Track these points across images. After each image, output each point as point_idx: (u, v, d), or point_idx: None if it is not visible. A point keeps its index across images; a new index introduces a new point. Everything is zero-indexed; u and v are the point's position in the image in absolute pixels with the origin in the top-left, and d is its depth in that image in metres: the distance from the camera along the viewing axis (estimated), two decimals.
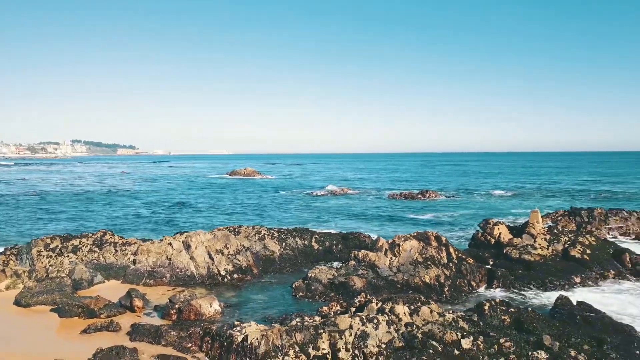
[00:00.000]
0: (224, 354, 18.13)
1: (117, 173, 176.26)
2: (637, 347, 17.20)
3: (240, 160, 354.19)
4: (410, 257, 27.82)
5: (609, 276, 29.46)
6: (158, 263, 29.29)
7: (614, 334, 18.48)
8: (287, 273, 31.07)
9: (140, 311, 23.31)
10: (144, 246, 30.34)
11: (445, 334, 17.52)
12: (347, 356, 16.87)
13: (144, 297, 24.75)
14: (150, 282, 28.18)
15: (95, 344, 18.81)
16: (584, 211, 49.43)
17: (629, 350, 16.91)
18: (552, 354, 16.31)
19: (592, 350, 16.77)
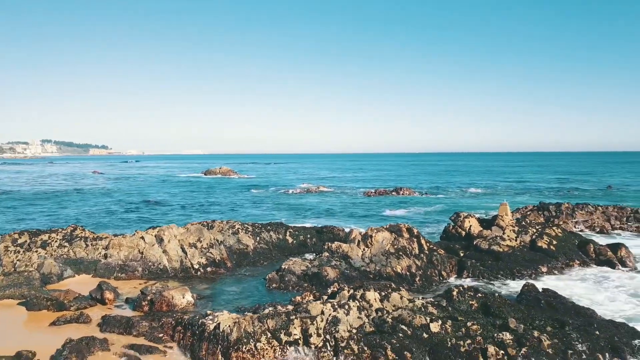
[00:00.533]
0: (196, 342, 18.13)
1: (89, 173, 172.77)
2: (597, 328, 17.88)
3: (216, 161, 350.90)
4: (382, 248, 28.23)
5: (574, 265, 30.46)
6: (130, 257, 29.00)
7: (576, 317, 19.18)
8: (261, 266, 31.13)
9: (111, 303, 23.07)
10: (116, 240, 29.98)
11: (414, 318, 17.92)
12: (319, 341, 17.08)
13: (115, 290, 24.49)
14: (121, 276, 27.89)
15: (65, 336, 18.55)
16: (552, 206, 50.86)
17: (590, 331, 17.57)
18: (517, 335, 16.86)
19: (554, 331, 17.40)
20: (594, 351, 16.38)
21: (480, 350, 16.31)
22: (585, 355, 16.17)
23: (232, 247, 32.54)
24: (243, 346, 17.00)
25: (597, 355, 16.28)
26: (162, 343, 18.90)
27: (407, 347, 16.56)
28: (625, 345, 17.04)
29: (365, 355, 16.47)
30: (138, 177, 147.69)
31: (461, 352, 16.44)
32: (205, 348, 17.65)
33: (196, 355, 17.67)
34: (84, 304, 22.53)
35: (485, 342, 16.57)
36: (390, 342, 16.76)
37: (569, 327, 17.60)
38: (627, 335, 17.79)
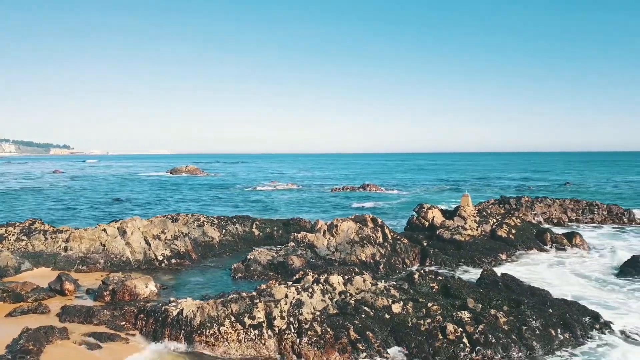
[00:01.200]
0: (158, 329, 17.98)
1: (49, 172, 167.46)
2: (550, 306, 18.66)
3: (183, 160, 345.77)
4: (347, 237, 28.58)
5: (532, 253, 31.56)
6: (91, 249, 28.41)
7: (531, 297, 19.95)
8: (227, 258, 31.00)
9: (71, 294, 22.58)
10: (76, 233, 29.33)
11: (376, 300, 18.28)
12: (282, 323, 17.22)
13: (75, 282, 23.97)
14: (82, 268, 27.30)
15: (22, 326, 18.08)
16: (512, 199, 52.40)
17: (543, 309, 18.32)
18: (475, 313, 17.42)
19: (510, 310, 18.06)
20: (547, 327, 17.09)
21: (439, 329, 16.78)
22: (539, 331, 16.86)
23: (197, 240, 32.28)
24: (206, 330, 16.98)
25: (550, 330, 17.00)
26: (124, 331, 18.63)
27: (369, 327, 16.89)
28: (575, 322, 17.85)
29: (329, 336, 16.70)
30: (102, 176, 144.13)
31: (421, 330, 16.88)
32: (168, 334, 17.53)
33: (158, 340, 17.52)
34: (42, 295, 21.97)
35: (444, 320, 17.06)
36: (353, 322, 17.05)
37: (524, 306, 18.30)
38: (577, 312, 18.63)
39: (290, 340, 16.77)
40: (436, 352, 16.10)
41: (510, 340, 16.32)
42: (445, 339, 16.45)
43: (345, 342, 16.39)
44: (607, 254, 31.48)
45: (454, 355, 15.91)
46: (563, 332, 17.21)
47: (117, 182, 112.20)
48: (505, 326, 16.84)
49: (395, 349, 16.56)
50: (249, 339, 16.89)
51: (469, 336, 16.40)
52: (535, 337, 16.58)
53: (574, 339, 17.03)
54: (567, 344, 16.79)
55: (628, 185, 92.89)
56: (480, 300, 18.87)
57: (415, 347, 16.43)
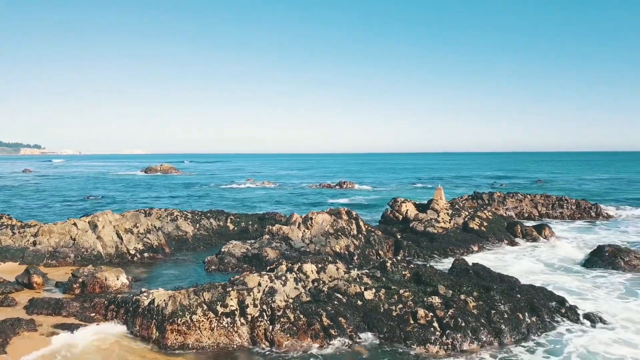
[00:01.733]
0: (129, 319, 17.77)
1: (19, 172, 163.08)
2: (519, 292, 19.13)
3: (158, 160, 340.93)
4: (322, 229, 28.69)
5: (503, 244, 32.23)
6: (61, 243, 27.84)
7: (500, 283, 20.39)
8: (201, 251, 30.77)
9: (39, 288, 22.09)
10: (46, 227, 28.70)
11: (349, 287, 18.44)
12: (255, 311, 17.22)
13: (44, 276, 23.47)
14: (52, 262, 26.72)
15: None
16: (485, 195, 53.40)
17: (512, 294, 18.76)
18: (445, 299, 17.72)
19: (480, 295, 18.43)
20: (515, 311, 17.50)
21: (410, 314, 17.03)
22: (507, 315, 17.25)
23: (170, 234, 31.96)
24: (178, 319, 16.85)
25: (518, 314, 17.41)
26: (95, 322, 18.34)
27: (341, 314, 17.02)
28: (542, 306, 18.33)
29: (301, 322, 16.77)
30: (74, 174, 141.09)
31: (393, 316, 17.10)
32: (139, 323, 17.34)
33: (130, 329, 17.32)
34: (9, 288, 21.42)
35: (415, 306, 17.32)
36: (326, 309, 17.16)
37: (493, 291, 18.70)
38: (545, 297, 19.14)
39: (263, 328, 16.78)
40: (407, 336, 16.33)
41: (480, 324, 16.66)
42: (416, 323, 16.70)
43: (318, 328, 16.49)
44: (575, 245, 32.41)
45: (425, 339, 16.17)
46: (530, 315, 17.65)
47: (89, 181, 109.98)
48: (475, 310, 17.18)
49: (368, 334, 16.74)
50: (221, 327, 16.83)
51: (439, 320, 16.68)
52: (503, 320, 16.96)
53: (540, 322, 17.48)
54: (534, 327, 17.22)
55: (595, 183, 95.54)
56: (451, 286, 19.20)
57: (387, 331, 16.64)
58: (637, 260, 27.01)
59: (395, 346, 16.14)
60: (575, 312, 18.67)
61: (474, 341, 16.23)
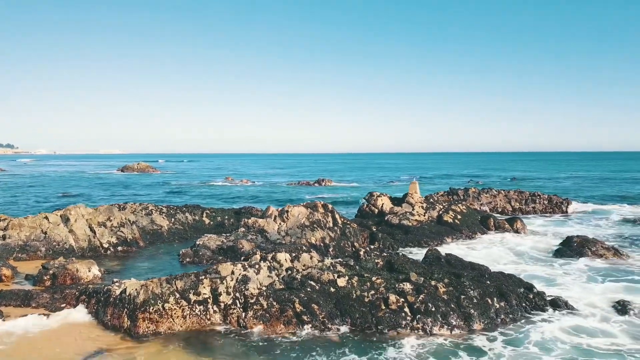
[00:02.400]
0: (100, 309, 17.61)
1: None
2: (488, 278, 19.53)
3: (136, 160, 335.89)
4: (298, 222, 28.79)
5: (476, 236, 32.80)
6: (32, 237, 27.34)
7: (471, 271, 20.79)
8: (176, 245, 30.55)
9: (8, 280, 21.71)
10: (16, 221, 28.15)
11: (322, 275, 18.57)
12: (228, 299, 17.24)
13: (14, 269, 23.08)
14: (22, 256, 26.22)
15: None
16: (461, 190, 54.16)
17: (482, 280, 19.15)
18: (416, 285, 18.01)
19: (450, 281, 18.76)
20: (484, 296, 17.88)
21: (382, 300, 17.26)
22: (476, 300, 17.61)
23: (145, 228, 31.66)
24: (150, 307, 16.76)
25: (487, 299, 17.79)
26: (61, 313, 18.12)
27: (314, 300, 17.16)
28: (511, 292, 18.75)
29: (274, 309, 16.86)
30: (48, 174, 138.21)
31: (365, 302, 17.31)
32: (111, 313, 17.19)
33: (100, 321, 17.16)
34: None
35: (387, 292, 17.55)
36: (299, 296, 17.27)
37: (463, 278, 19.04)
38: (513, 284, 19.58)
39: (236, 315, 16.82)
40: (379, 321, 16.56)
41: (449, 309, 16.99)
42: (387, 309, 16.94)
43: (291, 315, 16.61)
44: (546, 236, 33.19)
45: (396, 324, 16.42)
46: (499, 301, 18.04)
47: (65, 179, 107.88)
48: (445, 296, 17.51)
49: (340, 320, 16.90)
50: (194, 314, 16.82)
51: (410, 306, 16.95)
52: (472, 305, 17.31)
53: (509, 307, 17.89)
54: (503, 312, 17.62)
55: (568, 180, 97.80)
56: (423, 274, 19.48)
57: (359, 317, 16.83)
58: (604, 250, 27.81)
59: (367, 332, 16.35)
60: (543, 297, 19.14)
61: (444, 325, 16.55)
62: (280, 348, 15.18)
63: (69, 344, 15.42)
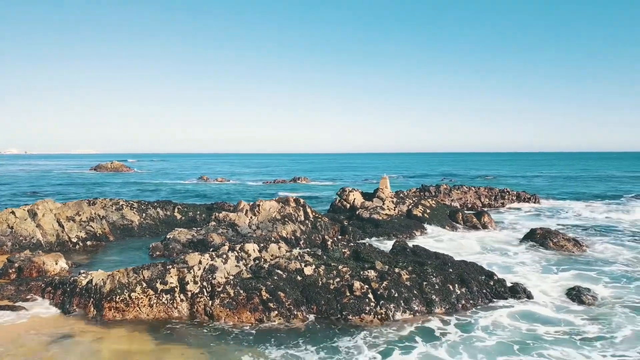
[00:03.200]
0: (67, 299, 17.59)
1: None
2: (451, 266, 20.15)
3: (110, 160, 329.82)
4: (269, 216, 29.05)
5: (445, 229, 33.55)
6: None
7: (435, 260, 21.39)
8: (147, 240, 30.45)
9: None
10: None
11: (290, 264, 18.90)
12: (195, 288, 17.42)
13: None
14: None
15: None
16: (432, 187, 55.14)
17: (444, 268, 19.75)
18: (380, 272, 18.49)
19: (414, 269, 19.30)
20: (445, 282, 18.47)
21: (347, 287, 17.68)
22: (438, 286, 18.19)
23: (115, 223, 31.47)
24: (117, 296, 16.85)
25: (448, 285, 18.39)
26: (27, 304, 18.03)
27: (280, 288, 17.47)
28: (472, 279, 19.39)
29: (241, 297, 17.11)
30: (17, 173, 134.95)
31: (331, 289, 17.70)
32: (77, 302, 17.23)
33: (67, 311, 17.14)
34: None
35: (352, 279, 17.98)
36: (265, 284, 17.56)
37: (427, 266, 19.63)
38: (474, 271, 20.25)
39: (203, 303, 17.02)
40: (344, 307, 16.97)
41: (412, 295, 17.52)
42: (352, 295, 17.37)
43: (257, 302, 16.89)
44: (512, 229, 34.19)
45: (360, 310, 16.86)
46: (460, 287, 18.66)
47: (35, 178, 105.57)
48: (408, 282, 18.03)
49: (306, 307, 17.25)
50: (160, 303, 16.95)
51: (374, 292, 17.41)
52: (434, 291, 17.88)
53: (469, 293, 18.52)
54: (464, 297, 18.24)
55: (538, 179, 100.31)
56: (388, 262, 20.00)
57: (324, 304, 17.21)
58: (565, 241, 28.82)
59: (331, 318, 16.75)
60: (503, 284, 19.84)
61: (406, 310, 17.06)
62: (246, 335, 15.46)
63: (35, 332, 15.42)
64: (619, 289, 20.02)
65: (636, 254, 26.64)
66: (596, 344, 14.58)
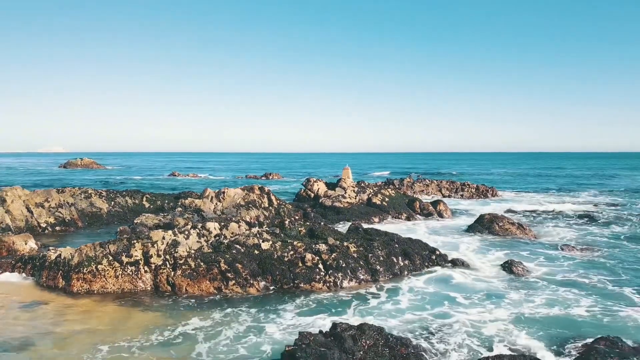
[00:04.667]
0: (36, 272, 18.73)
1: None
2: (396, 242, 22.00)
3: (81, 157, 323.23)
4: (233, 202, 30.50)
5: (402, 217, 35.57)
6: None
7: (384, 237, 23.23)
8: (115, 226, 31.48)
9: None
10: None
11: (248, 240, 20.44)
12: (159, 260, 18.79)
13: None
14: None
15: None
16: (396, 180, 57.46)
17: (390, 244, 21.58)
18: (331, 246, 20.19)
19: (362, 243, 21.08)
20: (390, 255, 20.31)
21: (300, 258, 19.32)
22: (383, 258, 20.01)
23: (84, 210, 32.40)
24: (84, 268, 18.09)
25: (392, 258, 20.24)
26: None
27: (238, 260, 18.99)
28: (416, 253, 21.30)
29: (201, 269, 18.56)
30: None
31: (285, 261, 19.31)
32: (46, 275, 18.39)
33: (37, 283, 18.29)
34: None
35: (305, 252, 19.64)
36: (224, 257, 19.06)
37: (375, 242, 21.44)
38: (419, 247, 22.17)
39: (166, 274, 18.40)
40: (296, 276, 18.61)
41: (359, 265, 19.28)
42: (304, 266, 19.02)
43: (216, 272, 18.38)
44: (464, 215, 36.42)
45: (311, 279, 18.52)
46: (404, 259, 20.54)
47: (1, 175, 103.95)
48: (355, 254, 19.80)
49: (262, 277, 18.82)
50: (126, 274, 18.27)
51: (324, 262, 19.11)
52: (379, 262, 19.69)
53: (412, 264, 20.41)
54: (407, 268, 20.12)
55: (499, 175, 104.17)
56: (340, 239, 21.72)
57: (279, 274, 18.81)
58: (509, 225, 31.10)
59: (285, 287, 18.37)
60: (444, 258, 21.83)
61: (352, 279, 18.81)
62: (206, 303, 16.92)
63: (6, 300, 16.56)
64: (552, 267, 22.00)
65: (577, 237, 29.06)
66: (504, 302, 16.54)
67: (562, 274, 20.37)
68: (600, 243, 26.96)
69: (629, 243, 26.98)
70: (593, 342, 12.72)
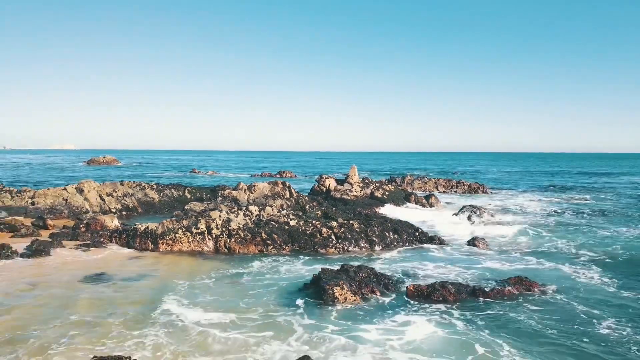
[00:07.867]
0: (130, 239, 26.36)
1: None
2: (389, 222, 29.38)
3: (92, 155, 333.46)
4: (262, 193, 38.03)
5: (399, 207, 42.92)
6: (56, 203, 35.43)
7: (380, 219, 30.64)
8: (166, 213, 39.15)
9: (52, 228, 29.91)
10: (41, 191, 36.12)
11: (280, 218, 27.95)
12: (218, 231, 26.33)
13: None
14: (50, 217, 34.23)
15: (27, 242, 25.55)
16: (398, 178, 64.75)
17: (384, 223, 28.97)
18: (340, 223, 27.65)
19: (363, 222, 28.49)
20: (383, 231, 27.71)
21: (318, 232, 26.79)
22: (378, 233, 27.41)
23: (140, 200, 40.09)
24: (167, 236, 25.67)
25: (385, 233, 27.63)
26: (103, 244, 26.73)
27: (274, 231, 26.50)
28: (403, 230, 28.67)
29: (248, 237, 26.06)
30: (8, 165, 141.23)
31: (307, 233, 26.78)
32: (139, 241, 25.98)
33: (131, 247, 25.92)
34: (31, 229, 29.13)
35: (321, 227, 27.11)
36: (264, 229, 26.58)
37: (372, 221, 28.86)
38: (406, 226, 29.52)
39: (223, 241, 25.93)
40: (315, 244, 26.08)
41: (360, 237, 26.71)
42: (321, 237, 26.48)
43: (259, 240, 25.89)
44: (452, 207, 43.68)
45: (326, 245, 25.97)
46: (393, 235, 27.93)
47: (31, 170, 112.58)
48: (358, 229, 27.23)
49: (291, 244, 26.29)
50: (195, 241, 25.81)
51: (335, 234, 26.55)
52: (375, 236, 27.10)
53: (399, 238, 27.81)
54: (396, 241, 27.52)
55: (499, 174, 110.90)
56: (347, 219, 29.17)
57: (303, 242, 26.27)
58: (488, 216, 38.38)
59: (307, 250, 25.83)
60: (425, 234, 29.17)
61: (356, 246, 26.24)
62: (253, 260, 24.40)
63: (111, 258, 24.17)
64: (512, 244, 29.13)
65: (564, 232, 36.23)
66: (460, 265, 23.90)
67: (518, 250, 27.78)
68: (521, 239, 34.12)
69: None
70: (508, 279, 20.04)
